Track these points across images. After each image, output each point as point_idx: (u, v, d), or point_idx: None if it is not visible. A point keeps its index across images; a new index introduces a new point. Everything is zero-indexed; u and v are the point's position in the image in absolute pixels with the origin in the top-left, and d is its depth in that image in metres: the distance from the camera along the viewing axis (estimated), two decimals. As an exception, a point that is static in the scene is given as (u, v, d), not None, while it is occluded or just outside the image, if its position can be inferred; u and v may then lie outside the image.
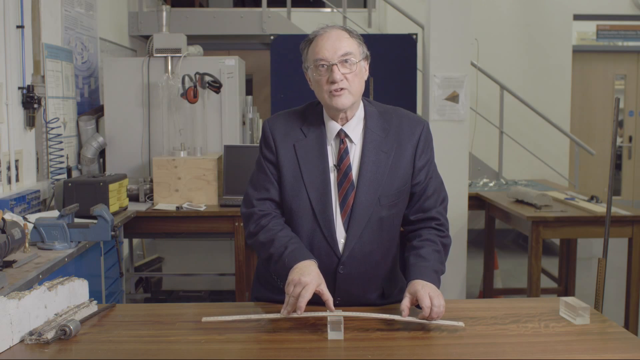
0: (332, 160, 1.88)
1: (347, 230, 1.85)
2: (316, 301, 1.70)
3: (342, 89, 1.80)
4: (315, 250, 1.84)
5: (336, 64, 1.79)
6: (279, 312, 1.70)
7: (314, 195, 1.85)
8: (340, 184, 1.86)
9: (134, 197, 3.94)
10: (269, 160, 1.91)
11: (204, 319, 1.69)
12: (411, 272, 1.81)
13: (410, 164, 1.89)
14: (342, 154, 1.87)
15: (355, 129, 1.89)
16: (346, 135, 1.88)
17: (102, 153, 4.34)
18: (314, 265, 1.74)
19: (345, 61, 1.80)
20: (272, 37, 4.90)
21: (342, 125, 1.88)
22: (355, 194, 1.84)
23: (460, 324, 1.68)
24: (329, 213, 1.84)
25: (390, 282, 1.96)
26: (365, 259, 1.86)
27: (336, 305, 1.82)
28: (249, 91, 6.28)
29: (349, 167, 1.86)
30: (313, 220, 1.85)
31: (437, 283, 1.80)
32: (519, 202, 4.09)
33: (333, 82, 1.79)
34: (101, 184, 3.31)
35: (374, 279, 1.91)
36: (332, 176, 1.86)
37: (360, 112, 1.91)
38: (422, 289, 1.71)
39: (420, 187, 1.91)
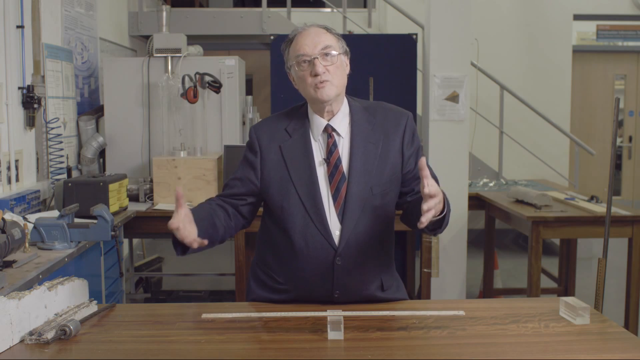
0: (321, 155, 1.91)
1: (341, 221, 1.87)
2: (317, 301, 1.72)
3: (325, 80, 1.84)
4: (311, 244, 1.86)
5: (317, 57, 1.84)
6: (278, 312, 1.72)
7: (302, 191, 1.87)
8: (331, 176, 1.89)
9: (134, 197, 3.94)
10: (249, 162, 1.96)
11: (204, 315, 1.71)
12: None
13: (399, 153, 1.93)
14: (331, 147, 1.90)
15: (341, 123, 1.93)
16: (333, 130, 1.92)
17: (102, 153, 4.34)
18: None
19: (326, 54, 1.85)
20: (272, 37, 4.89)
21: (329, 120, 1.92)
22: (347, 185, 1.87)
23: (461, 312, 1.70)
24: (320, 206, 1.86)
25: (387, 274, 1.98)
26: (361, 248, 1.88)
27: (335, 299, 1.87)
28: (249, 91, 6.28)
29: (339, 160, 1.89)
30: (305, 216, 1.87)
31: (447, 209, 1.80)
32: (519, 202, 4.09)
33: (316, 75, 1.83)
34: (101, 184, 3.31)
35: (372, 269, 1.92)
36: (323, 170, 1.90)
37: (345, 108, 1.95)
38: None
39: (412, 174, 1.95)
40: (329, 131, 1.91)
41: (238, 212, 1.97)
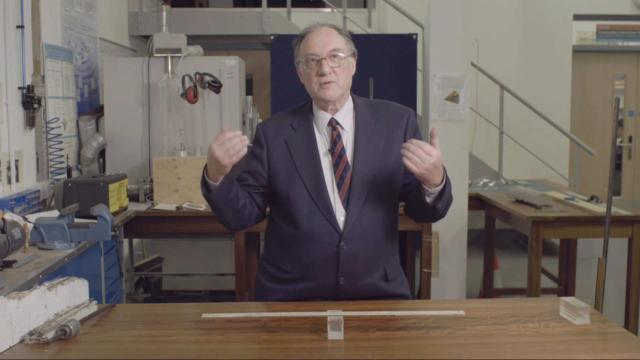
0: (325, 146, 1.99)
1: (346, 208, 1.94)
2: (323, 290, 1.82)
3: (330, 81, 1.92)
4: (316, 230, 1.93)
5: (325, 58, 1.92)
6: (278, 312, 1.72)
7: (308, 180, 1.95)
8: (335, 165, 1.96)
9: (134, 197, 3.94)
10: (256, 156, 2.03)
11: (204, 315, 1.72)
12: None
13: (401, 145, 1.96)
14: (335, 139, 1.98)
15: (345, 117, 2.01)
16: (337, 123, 1.99)
17: (102, 153, 4.34)
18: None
19: (334, 56, 1.93)
20: (272, 37, 4.89)
21: (333, 114, 2.00)
22: (351, 173, 1.95)
23: (461, 312, 1.71)
24: (325, 194, 1.94)
25: (391, 265, 2.04)
26: (365, 234, 1.95)
27: (340, 287, 1.94)
28: (249, 91, 6.27)
29: (343, 150, 1.97)
30: (310, 202, 1.94)
31: (447, 181, 1.89)
32: (519, 202, 4.09)
33: (322, 75, 1.91)
34: (101, 184, 3.31)
35: (376, 256, 1.98)
36: (327, 160, 1.98)
37: (349, 103, 2.03)
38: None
39: None
40: (333, 124, 1.99)
41: (252, 199, 2.04)
